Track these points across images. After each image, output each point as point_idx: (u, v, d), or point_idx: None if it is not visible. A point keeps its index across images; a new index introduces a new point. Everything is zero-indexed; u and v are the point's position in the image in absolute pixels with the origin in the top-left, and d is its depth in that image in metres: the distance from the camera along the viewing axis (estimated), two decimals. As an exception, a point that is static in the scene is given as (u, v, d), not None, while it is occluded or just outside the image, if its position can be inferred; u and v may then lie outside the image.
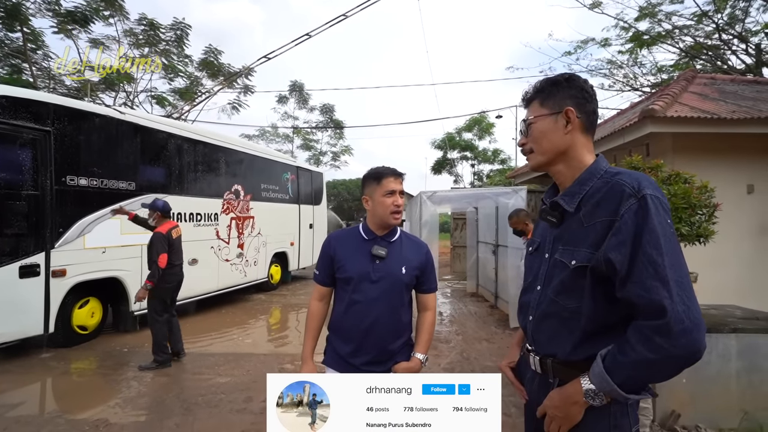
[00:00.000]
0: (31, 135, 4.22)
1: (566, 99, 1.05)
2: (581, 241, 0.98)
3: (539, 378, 1.10)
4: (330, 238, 1.72)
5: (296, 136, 23.94)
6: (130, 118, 5.36)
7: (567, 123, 1.04)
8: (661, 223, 0.89)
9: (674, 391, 2.78)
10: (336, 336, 1.67)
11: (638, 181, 0.93)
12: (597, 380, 0.93)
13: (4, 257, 3.98)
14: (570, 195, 1.04)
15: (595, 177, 1.02)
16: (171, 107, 14.36)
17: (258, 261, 7.86)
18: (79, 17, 10.89)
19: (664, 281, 0.84)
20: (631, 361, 0.87)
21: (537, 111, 1.09)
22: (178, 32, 13.18)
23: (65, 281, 4.44)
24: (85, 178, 4.67)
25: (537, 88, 1.11)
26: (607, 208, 0.94)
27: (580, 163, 1.05)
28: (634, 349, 0.87)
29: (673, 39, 12.15)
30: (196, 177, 6.39)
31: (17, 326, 4.09)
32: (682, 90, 5.99)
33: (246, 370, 4.02)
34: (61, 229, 4.42)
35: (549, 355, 1.06)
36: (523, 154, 1.17)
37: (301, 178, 9.66)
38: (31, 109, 4.23)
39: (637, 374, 0.89)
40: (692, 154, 4.93)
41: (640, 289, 0.86)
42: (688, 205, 2.67)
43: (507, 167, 21.89)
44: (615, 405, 0.97)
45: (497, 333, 5.45)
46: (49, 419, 2.99)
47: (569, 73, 1.11)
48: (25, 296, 4.12)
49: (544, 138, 1.07)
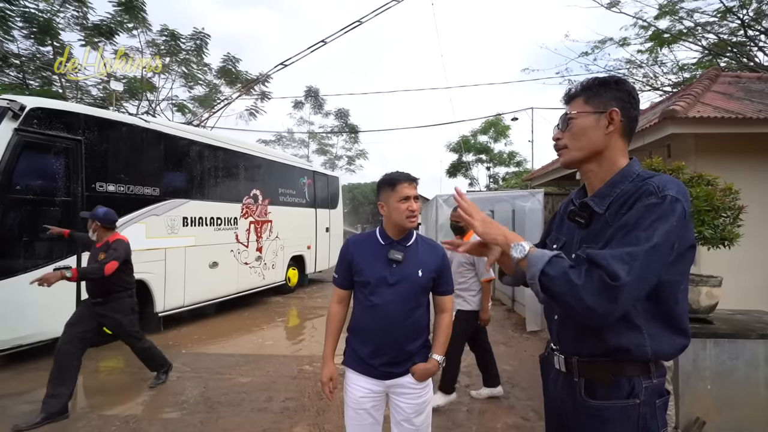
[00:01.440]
0: (64, 144, 4.45)
1: (612, 101, 1.05)
2: (601, 238, 1.00)
3: (563, 377, 1.10)
4: (348, 242, 1.78)
5: (312, 140, 24.26)
6: (154, 126, 5.59)
7: (609, 124, 1.04)
8: (666, 219, 0.90)
9: (698, 398, 2.72)
10: (355, 337, 1.71)
11: (665, 183, 0.94)
12: (537, 253, 0.98)
13: (40, 260, 4.19)
14: (600, 197, 1.05)
15: (627, 180, 1.02)
16: (191, 114, 14.77)
17: (276, 264, 8.01)
18: (104, 30, 11.34)
19: (633, 257, 0.87)
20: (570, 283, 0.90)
21: (580, 107, 1.09)
22: (198, 41, 13.59)
23: None
24: (113, 185, 4.89)
25: (584, 86, 1.11)
26: (628, 205, 0.96)
27: (613, 165, 1.06)
28: (580, 278, 0.90)
29: (695, 37, 11.84)
30: (217, 182, 6.58)
31: (51, 326, 4.28)
32: (705, 89, 5.84)
33: (266, 371, 4.11)
34: None
35: (574, 353, 1.07)
36: (556, 149, 1.17)
37: (318, 183, 9.77)
38: (64, 119, 4.46)
39: (559, 289, 0.93)
40: (716, 156, 4.80)
41: (607, 256, 0.89)
42: (710, 207, 2.62)
43: (523, 170, 21.63)
44: (644, 407, 0.97)
45: (514, 337, 5.41)
46: (83, 414, 3.14)
47: (618, 76, 1.11)
48: (58, 297, 4.31)
49: (583, 135, 1.07)
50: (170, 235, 5.60)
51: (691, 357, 2.71)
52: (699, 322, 2.82)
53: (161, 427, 2.96)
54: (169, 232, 5.58)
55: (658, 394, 1.00)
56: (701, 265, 4.58)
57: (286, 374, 4.02)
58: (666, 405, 1.03)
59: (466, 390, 3.61)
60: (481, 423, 3.04)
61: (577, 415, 1.05)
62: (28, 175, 4.17)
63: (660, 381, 1.02)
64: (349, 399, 1.69)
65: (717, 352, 2.71)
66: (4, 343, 3.90)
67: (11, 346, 3.96)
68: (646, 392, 0.98)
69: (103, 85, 12.77)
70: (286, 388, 3.64)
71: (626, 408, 0.97)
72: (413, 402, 1.64)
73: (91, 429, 2.89)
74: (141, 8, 11.83)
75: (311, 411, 3.19)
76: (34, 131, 4.16)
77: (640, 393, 0.97)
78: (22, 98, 4.23)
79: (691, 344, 2.86)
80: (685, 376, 2.71)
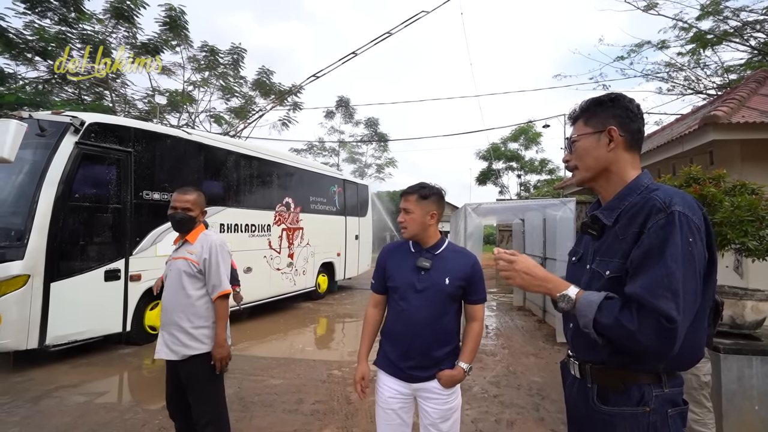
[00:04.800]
0: (117, 156, 4.82)
1: (609, 118, 1.09)
2: (615, 253, 1.04)
3: (578, 383, 1.14)
4: (384, 249, 1.88)
5: (342, 149, 24.71)
6: (195, 138, 5.93)
7: (610, 141, 1.09)
8: (684, 240, 0.93)
9: (745, 418, 2.58)
10: (386, 340, 1.78)
11: (670, 198, 0.97)
12: (586, 301, 0.99)
13: (93, 263, 4.54)
14: (609, 209, 1.09)
15: (634, 193, 1.06)
16: (227, 125, 15.47)
17: (306, 270, 8.20)
18: (151, 48, 12.16)
19: (675, 293, 0.90)
20: (625, 326, 0.92)
21: (581, 129, 1.15)
22: (235, 56, 14.29)
23: (140, 285, 4.95)
24: (158, 193, 5.23)
25: (582, 108, 1.16)
26: (637, 221, 1.00)
27: (621, 178, 1.10)
28: (634, 323, 0.91)
29: (742, 36, 11.21)
30: (251, 190, 6.86)
31: (102, 324, 4.63)
32: (752, 93, 5.55)
33: (297, 374, 4.23)
34: (138, 238, 4.96)
35: (587, 360, 1.10)
36: (568, 170, 1.23)
37: (348, 191, 9.93)
38: (117, 133, 4.85)
39: (615, 334, 0.94)
40: (764, 162, 4.55)
41: (650, 295, 0.91)
42: (755, 217, 2.51)
43: (555, 177, 21.07)
44: (654, 415, 0.98)
45: (545, 348, 5.28)
46: (129, 407, 3.36)
47: (615, 93, 1.14)
48: (108, 297, 4.65)
49: (587, 155, 1.13)
50: None
51: (736, 375, 2.58)
52: (744, 338, 2.68)
53: (200, 422, 3.12)
54: None
55: (671, 403, 1.01)
56: (748, 278, 4.32)
57: (316, 378, 4.13)
58: (683, 416, 1.03)
59: (494, 400, 3.58)
60: (509, 434, 3.01)
61: (590, 420, 1.08)
62: (85, 184, 4.55)
63: (674, 391, 1.02)
64: (379, 399, 1.76)
65: (765, 371, 2.57)
66: (61, 338, 4.23)
67: (68, 341, 4.30)
68: (656, 401, 0.99)
69: (148, 99, 13.65)
70: (316, 391, 3.74)
71: (636, 415, 0.99)
72: (439, 408, 1.68)
73: (137, 422, 3.09)
74: (184, 27, 12.61)
75: (340, 414, 3.27)
76: (92, 144, 4.55)
77: (650, 401, 0.99)
78: (80, 114, 4.63)
79: (735, 362, 2.73)
80: (730, 394, 2.58)
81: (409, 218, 1.72)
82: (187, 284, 2.10)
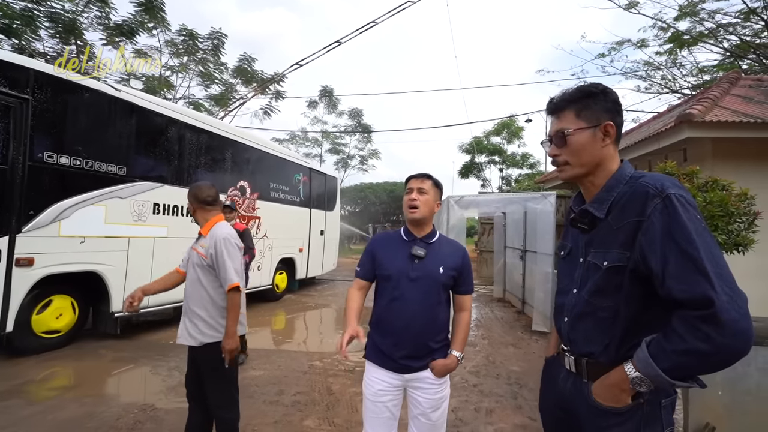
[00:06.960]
0: (4, 101, 3.72)
1: (604, 113, 1.06)
2: (611, 243, 1.02)
3: (573, 378, 1.13)
4: (374, 238, 1.87)
5: (325, 140, 24.43)
6: (125, 96, 4.81)
7: (605, 137, 1.06)
8: (691, 219, 0.90)
9: (708, 403, 2.70)
10: (376, 330, 1.75)
11: (661, 182, 0.96)
12: (642, 365, 0.92)
13: None
14: (599, 201, 1.07)
15: (621, 183, 1.05)
16: (207, 113, 15.05)
17: (262, 266, 7.25)
18: (126, 30, 11.63)
19: (705, 274, 0.85)
20: (680, 350, 0.86)
21: (573, 123, 1.09)
22: (215, 41, 13.85)
23: (31, 272, 3.90)
24: (66, 157, 4.17)
25: (570, 98, 1.10)
26: (633, 209, 0.97)
27: (607, 170, 1.09)
28: (684, 339, 0.85)
29: (716, 38, 11.59)
30: (198, 168, 5.87)
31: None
32: (724, 93, 5.75)
33: (277, 366, 4.20)
34: (31, 211, 3.91)
35: (584, 354, 1.09)
36: (555, 165, 1.15)
37: (314, 181, 9.11)
38: (7, 72, 3.72)
39: (686, 363, 0.87)
40: (735, 160, 4.73)
41: (682, 284, 0.86)
42: (725, 212, 2.61)
43: (536, 172, 21.43)
44: (647, 405, 0.99)
45: (524, 338, 5.41)
46: (103, 402, 3.26)
47: (603, 85, 1.11)
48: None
49: (583, 151, 1.08)
50: (136, 222, 4.90)
51: (702, 363, 2.70)
52: (711, 328, 2.80)
53: (177, 416, 3.06)
54: (135, 219, 4.88)
55: (664, 393, 1.01)
56: (716, 271, 4.51)
57: (297, 369, 4.11)
58: (673, 405, 1.04)
59: (474, 389, 3.64)
60: (488, 422, 3.07)
61: (585, 413, 1.07)
62: None
63: None
64: (368, 391, 1.72)
65: (729, 359, 2.70)
66: None
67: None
68: (650, 392, 0.98)
69: (123, 83, 13.11)
70: (297, 383, 3.72)
71: (631, 407, 0.99)
72: (431, 397, 1.67)
73: (111, 416, 3.00)
74: (160, 8, 12.10)
75: (321, 405, 3.26)
76: None
77: (645, 393, 0.99)
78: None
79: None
80: (696, 381, 2.70)
81: (424, 199, 1.73)
82: (201, 276, 2.16)
